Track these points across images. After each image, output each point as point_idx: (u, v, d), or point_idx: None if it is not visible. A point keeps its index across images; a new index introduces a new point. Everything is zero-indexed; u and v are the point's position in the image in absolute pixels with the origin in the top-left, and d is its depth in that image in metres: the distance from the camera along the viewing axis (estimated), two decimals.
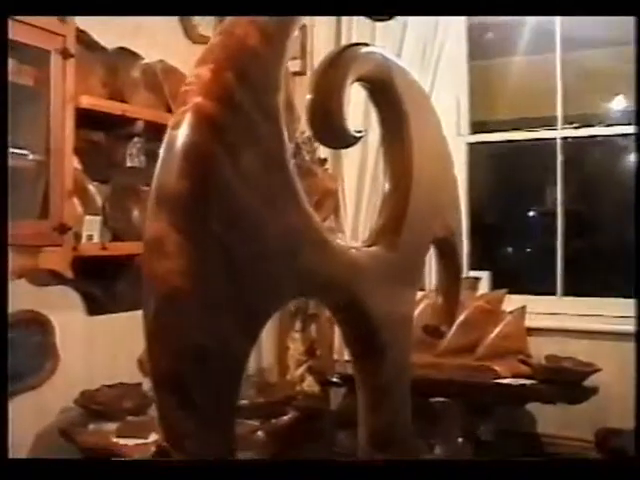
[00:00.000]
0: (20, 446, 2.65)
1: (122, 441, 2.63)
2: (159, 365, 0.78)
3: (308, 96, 1.14)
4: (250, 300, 0.87)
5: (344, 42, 3.94)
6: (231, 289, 0.83)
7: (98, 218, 2.89)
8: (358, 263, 1.18)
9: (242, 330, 0.85)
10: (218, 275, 0.82)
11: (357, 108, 3.73)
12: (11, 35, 2.07)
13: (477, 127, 3.98)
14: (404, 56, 3.76)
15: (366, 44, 1.30)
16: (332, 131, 1.14)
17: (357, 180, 3.88)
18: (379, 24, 3.84)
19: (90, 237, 2.83)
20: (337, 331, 3.85)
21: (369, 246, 1.28)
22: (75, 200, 2.83)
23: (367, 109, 3.73)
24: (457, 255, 1.67)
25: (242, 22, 0.91)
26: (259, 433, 3.09)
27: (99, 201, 2.99)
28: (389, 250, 1.30)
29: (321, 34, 4.04)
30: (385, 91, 1.30)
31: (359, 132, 1.20)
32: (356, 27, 3.93)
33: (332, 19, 3.99)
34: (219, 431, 0.80)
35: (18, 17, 2.35)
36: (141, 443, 2.55)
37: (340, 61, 1.17)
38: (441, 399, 2.06)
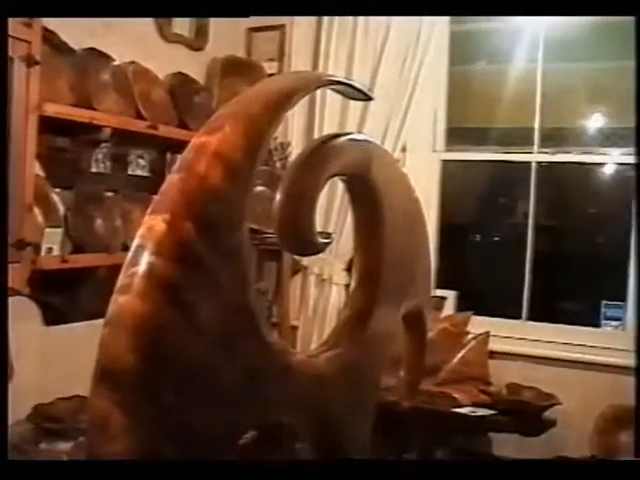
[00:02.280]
0: None
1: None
2: None
3: (278, 196, 1.07)
4: (206, 454, 0.82)
5: (323, 45, 3.85)
6: (184, 452, 0.78)
7: (59, 230, 2.80)
8: (320, 375, 1.13)
9: None
10: (170, 447, 0.77)
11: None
12: None
13: (453, 134, 3.93)
14: (383, 67, 3.68)
15: (345, 133, 1.24)
16: (300, 243, 1.08)
17: (328, 186, 3.82)
18: (360, 25, 3.76)
19: (50, 250, 2.74)
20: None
21: (329, 348, 1.22)
22: (36, 209, 2.74)
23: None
24: (424, 325, 1.64)
25: (204, 157, 0.85)
26: None
27: (61, 210, 2.90)
28: (353, 346, 1.25)
29: (300, 35, 3.94)
30: (361, 184, 1.24)
31: (327, 238, 1.14)
32: (336, 29, 3.83)
33: (311, 20, 3.88)
34: None
35: None
36: None
37: (315, 161, 1.11)
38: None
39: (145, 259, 0.76)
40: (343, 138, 1.20)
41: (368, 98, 1.29)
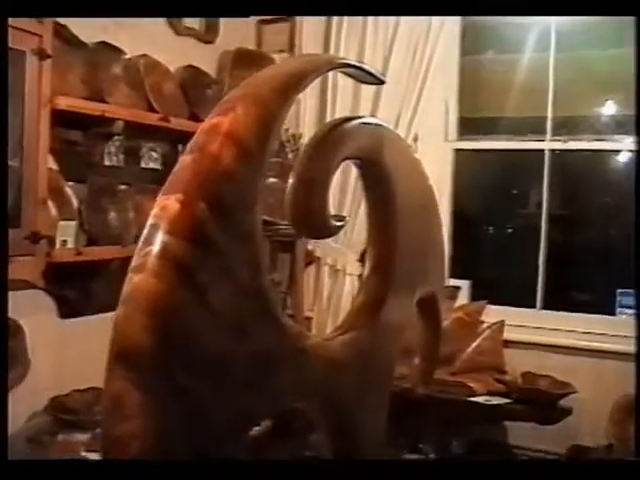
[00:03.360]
0: None
1: (92, 456, 2.59)
2: None
3: (291, 180, 1.07)
4: (219, 440, 0.82)
5: (334, 36, 3.85)
6: (198, 437, 0.78)
7: (73, 223, 2.81)
8: (334, 359, 1.13)
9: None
10: (183, 427, 0.77)
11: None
12: None
13: (465, 123, 3.91)
14: (394, 58, 3.67)
15: (358, 117, 1.24)
16: (313, 227, 1.08)
17: (341, 178, 3.81)
18: (369, 23, 3.75)
19: (64, 242, 2.75)
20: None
21: (345, 332, 1.22)
22: (50, 202, 2.75)
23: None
24: (438, 313, 1.63)
25: (217, 137, 0.85)
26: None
27: (75, 203, 2.91)
28: (367, 331, 1.25)
29: (310, 27, 3.93)
30: (373, 168, 1.24)
31: (341, 221, 1.14)
32: (347, 20, 3.82)
33: None
34: None
35: None
36: None
37: (327, 145, 1.11)
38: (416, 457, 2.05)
39: (159, 238, 0.76)
40: (355, 122, 1.20)
41: (380, 82, 1.29)
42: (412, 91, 3.66)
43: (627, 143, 3.66)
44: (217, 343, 0.81)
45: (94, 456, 2.60)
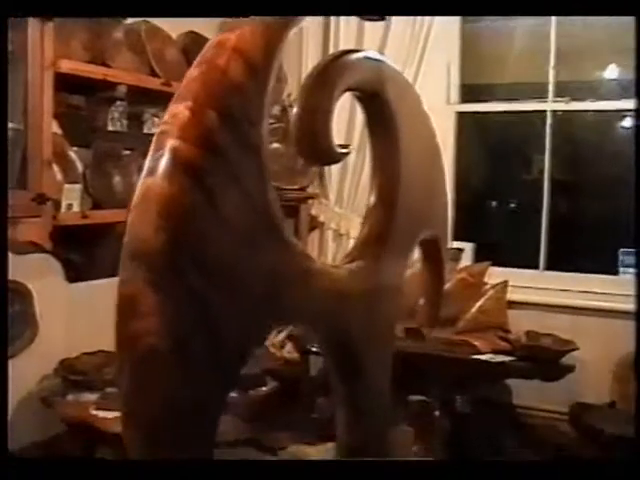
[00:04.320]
0: None
1: (101, 414, 2.63)
2: (134, 427, 0.76)
3: (295, 110, 1.09)
4: (229, 347, 0.84)
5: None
6: (208, 341, 0.81)
7: (78, 186, 2.84)
8: (340, 285, 1.15)
9: (219, 380, 0.83)
10: (195, 330, 0.79)
11: None
12: None
13: (467, 91, 3.91)
14: (395, 21, 3.67)
15: (357, 50, 1.25)
16: (318, 152, 1.09)
17: (343, 144, 3.82)
18: None
19: (70, 206, 2.78)
20: None
21: (352, 261, 1.25)
22: (55, 167, 2.78)
23: None
24: (442, 256, 1.65)
25: (224, 51, 0.86)
26: (239, 404, 3.10)
27: (79, 167, 2.94)
28: (372, 262, 1.27)
29: None
30: (375, 101, 1.25)
31: (345, 148, 1.16)
32: None
33: None
34: None
35: None
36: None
37: (328, 74, 1.12)
38: (419, 397, 2.08)
39: (169, 144, 0.78)
40: (357, 54, 1.21)
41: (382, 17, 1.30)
42: (413, 56, 3.66)
43: (628, 104, 3.66)
44: (227, 251, 0.83)
45: (104, 414, 2.64)
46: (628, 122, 3.98)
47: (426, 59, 3.68)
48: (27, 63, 2.52)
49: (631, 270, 3.56)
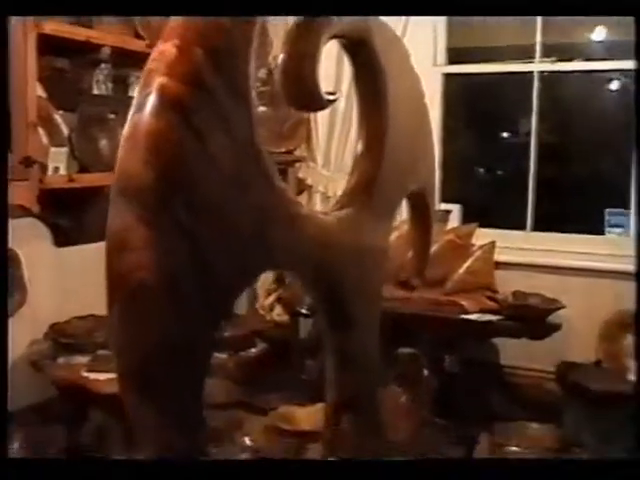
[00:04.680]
0: None
1: (92, 375, 2.64)
2: (125, 362, 0.77)
3: (281, 56, 1.09)
4: (218, 284, 0.85)
5: None
6: (198, 276, 0.81)
7: (64, 149, 2.82)
8: (328, 232, 1.16)
9: (209, 317, 0.84)
10: (184, 264, 0.80)
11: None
12: None
13: (454, 54, 3.90)
14: None
15: None
16: (304, 96, 1.10)
17: (330, 108, 3.80)
18: None
19: (56, 169, 2.76)
20: None
21: (340, 208, 1.26)
22: (40, 130, 2.75)
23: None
24: (429, 208, 1.66)
25: None
26: (229, 364, 3.12)
27: (65, 131, 2.91)
28: (361, 210, 1.28)
29: None
30: (362, 49, 1.25)
31: (332, 95, 1.16)
32: None
33: None
34: (186, 424, 0.80)
35: None
36: (112, 378, 2.55)
37: (314, 21, 1.12)
38: (407, 350, 2.09)
39: (157, 81, 0.78)
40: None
41: None
42: (399, 17, 3.63)
43: (615, 64, 3.65)
44: (215, 190, 0.84)
45: (95, 376, 2.65)
46: (615, 85, 3.99)
47: (412, 21, 3.65)
48: (9, 24, 2.48)
49: (617, 230, 3.59)
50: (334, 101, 1.16)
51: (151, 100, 0.77)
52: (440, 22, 3.83)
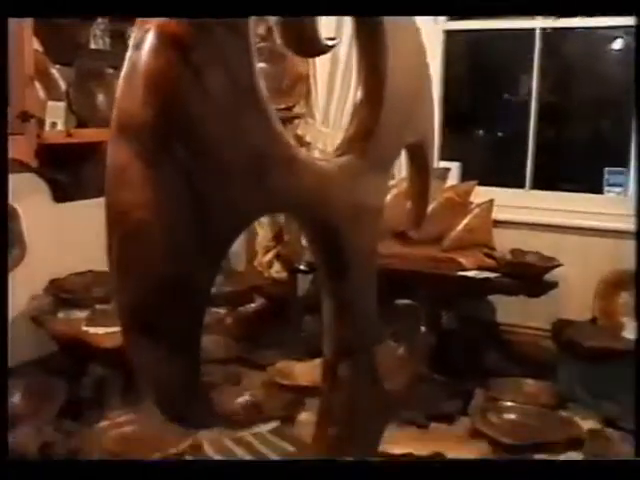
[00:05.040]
0: None
1: (92, 330, 2.67)
2: (124, 299, 0.77)
3: None
4: (215, 226, 0.85)
5: None
6: (195, 217, 0.82)
7: (62, 104, 2.80)
8: (327, 177, 1.16)
9: (207, 257, 0.84)
10: (182, 204, 0.80)
11: None
12: None
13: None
14: None
15: None
16: (304, 41, 1.09)
17: (329, 64, 3.78)
18: None
19: (54, 124, 2.74)
20: None
21: (339, 155, 1.26)
22: (37, 85, 2.74)
23: None
24: (428, 161, 1.66)
25: None
26: (227, 320, 3.15)
27: (63, 86, 2.90)
28: (359, 158, 1.28)
29: None
30: None
31: (332, 40, 1.15)
32: None
33: None
34: (185, 360, 0.81)
35: None
36: (111, 332, 2.58)
37: None
38: (405, 301, 2.10)
39: (155, 18, 0.78)
40: None
41: None
42: None
43: (617, 20, 3.61)
44: (214, 129, 0.83)
45: (94, 330, 2.68)
46: (618, 44, 3.95)
47: None
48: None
49: (616, 189, 3.59)
50: (333, 47, 1.15)
51: (149, 38, 0.77)
52: None
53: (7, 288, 2.07)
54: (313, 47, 1.11)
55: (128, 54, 0.78)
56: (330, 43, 1.14)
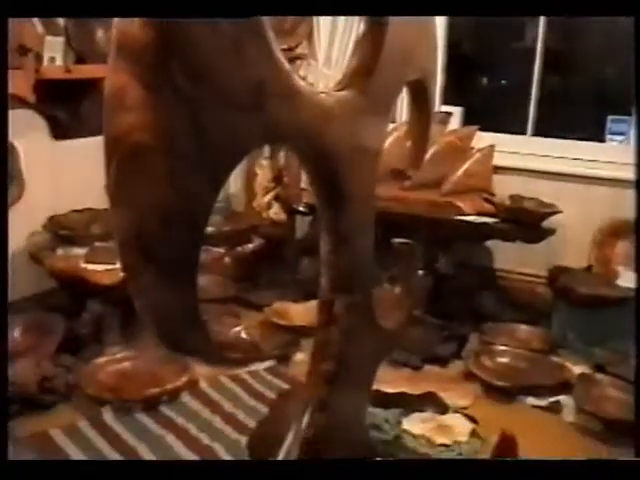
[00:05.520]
0: None
1: (90, 266, 2.68)
2: (123, 223, 0.78)
3: None
4: (215, 153, 0.85)
5: None
6: (195, 143, 0.82)
7: (60, 39, 2.76)
8: (327, 109, 1.16)
9: (206, 183, 0.84)
10: (182, 129, 0.80)
11: None
12: None
13: None
14: None
15: None
16: None
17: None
18: None
19: (52, 59, 2.71)
20: None
21: (340, 90, 1.25)
22: (35, 19, 2.69)
23: None
24: (429, 99, 1.65)
25: None
26: (225, 259, 3.16)
27: (61, 21, 2.85)
28: (360, 93, 1.28)
29: None
30: None
31: None
32: None
33: None
34: (181, 284, 0.82)
35: None
36: (110, 269, 2.59)
37: None
38: (402, 240, 2.10)
39: None
40: None
41: None
42: None
43: None
44: (215, 56, 0.82)
45: (93, 267, 2.69)
46: None
47: None
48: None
49: (618, 138, 3.57)
50: None
51: None
52: None
53: (7, 224, 2.07)
54: None
55: None
56: None
